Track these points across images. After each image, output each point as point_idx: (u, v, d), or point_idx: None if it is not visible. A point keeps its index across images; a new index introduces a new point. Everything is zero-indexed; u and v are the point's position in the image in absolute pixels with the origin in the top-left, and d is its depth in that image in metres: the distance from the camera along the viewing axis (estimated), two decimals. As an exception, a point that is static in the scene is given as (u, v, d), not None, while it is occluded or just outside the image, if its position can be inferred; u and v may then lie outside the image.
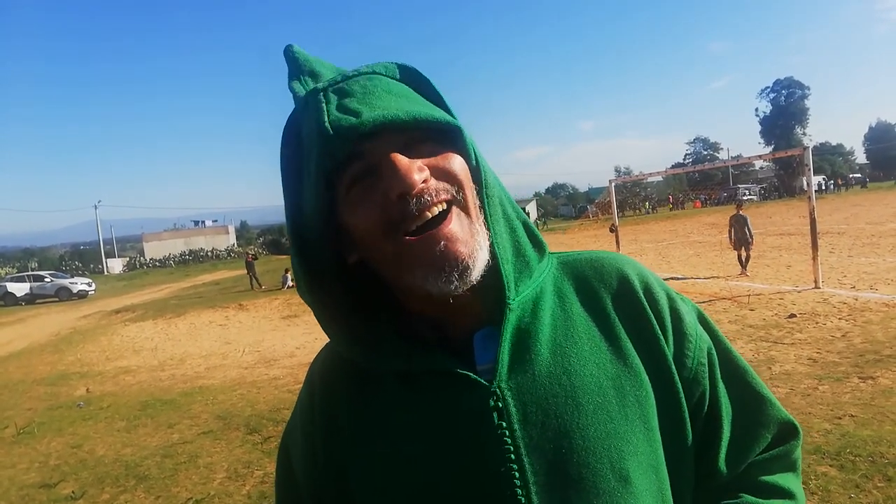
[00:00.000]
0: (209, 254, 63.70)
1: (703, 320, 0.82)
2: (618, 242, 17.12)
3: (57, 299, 33.14)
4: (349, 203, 0.67)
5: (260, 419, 6.27)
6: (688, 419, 0.74)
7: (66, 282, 34.65)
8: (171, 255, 64.24)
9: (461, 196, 0.68)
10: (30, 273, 37.84)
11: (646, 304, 0.77)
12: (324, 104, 0.67)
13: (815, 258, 10.39)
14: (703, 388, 0.77)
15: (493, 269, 0.69)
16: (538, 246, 0.78)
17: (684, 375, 0.75)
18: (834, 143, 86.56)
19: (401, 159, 0.64)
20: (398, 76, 0.73)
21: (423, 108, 0.67)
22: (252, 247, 57.74)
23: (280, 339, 11.65)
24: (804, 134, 66.90)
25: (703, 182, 73.66)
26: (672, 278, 13.13)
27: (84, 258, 70.09)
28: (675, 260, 17.34)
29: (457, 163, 0.69)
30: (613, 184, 18.83)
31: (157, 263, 62.53)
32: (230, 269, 42.07)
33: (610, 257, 0.81)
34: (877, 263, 12.15)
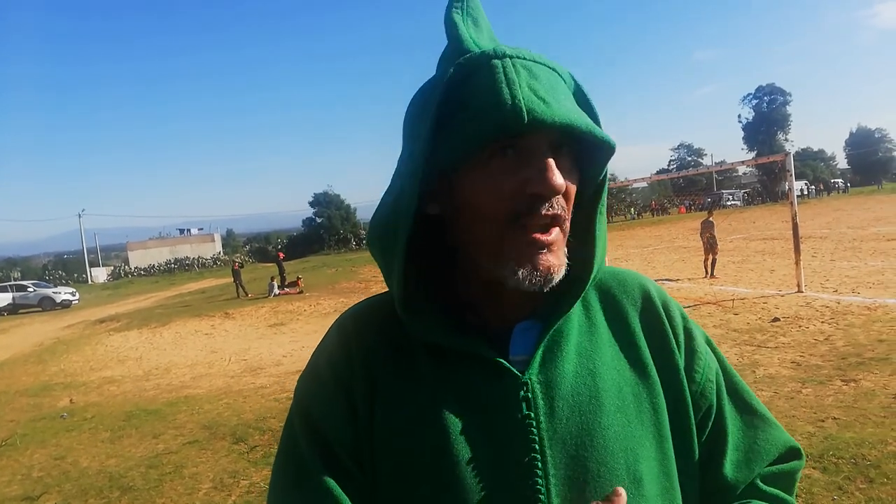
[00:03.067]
0: (195, 262, 63.27)
1: (709, 343, 0.86)
2: (604, 248, 17.21)
3: (40, 309, 32.72)
4: (483, 169, 0.68)
5: (246, 428, 6.22)
6: (694, 430, 0.77)
7: (49, 291, 34.24)
8: (156, 264, 63.76)
9: (566, 224, 0.71)
10: (12, 283, 37.27)
11: (664, 318, 0.81)
12: (515, 75, 0.67)
13: (797, 262, 10.51)
14: (709, 402, 0.80)
15: None
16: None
17: (693, 389, 0.79)
18: (815, 149, 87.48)
19: (553, 165, 0.67)
20: (566, 81, 0.73)
21: (593, 124, 0.69)
22: (238, 255, 57.47)
23: (267, 348, 11.58)
24: (786, 140, 67.82)
25: (688, 188, 74.26)
26: (655, 280, 13.21)
27: (68, 267, 69.37)
28: (661, 265, 17.47)
29: (573, 193, 0.72)
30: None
31: (142, 272, 62.03)
32: (216, 278, 41.79)
33: (631, 274, 0.86)
34: (858, 267, 12.31)
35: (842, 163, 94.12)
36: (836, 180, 73.76)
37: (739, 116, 70.99)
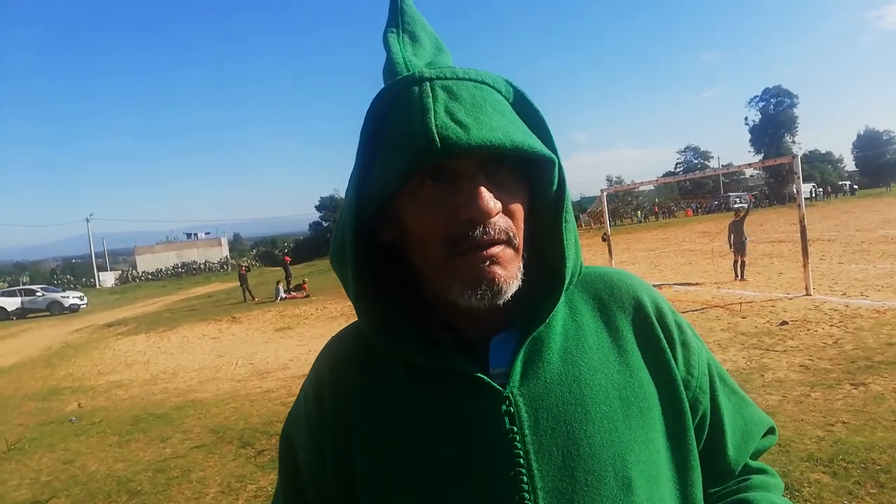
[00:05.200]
0: (202, 266, 63.50)
1: (694, 335, 0.86)
2: (610, 251, 17.16)
3: (48, 313, 32.90)
4: (416, 199, 0.68)
5: (253, 432, 6.23)
6: (692, 430, 0.77)
7: (57, 296, 34.44)
8: (164, 268, 64.02)
9: (515, 240, 0.69)
10: (21, 287, 37.59)
11: (654, 319, 0.80)
12: (430, 101, 0.66)
13: (805, 265, 10.46)
14: (707, 395, 0.81)
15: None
16: (582, 270, 0.80)
17: (693, 385, 0.79)
18: (823, 151, 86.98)
19: (483, 189, 0.65)
20: (503, 92, 0.72)
21: (524, 137, 0.67)
22: (245, 259, 57.64)
23: (273, 352, 11.60)
24: (793, 142, 67.50)
25: (695, 191, 73.99)
26: (662, 285, 13.17)
27: (76, 272, 69.73)
28: (668, 268, 17.39)
29: (520, 209, 0.70)
30: (605, 193, 18.92)
31: (150, 276, 62.31)
32: (223, 282, 41.93)
33: (620, 274, 0.84)
34: (867, 270, 12.23)
35: (850, 165, 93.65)
36: (843, 182, 73.34)
37: (746, 119, 70.81)
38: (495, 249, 0.67)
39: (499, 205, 0.66)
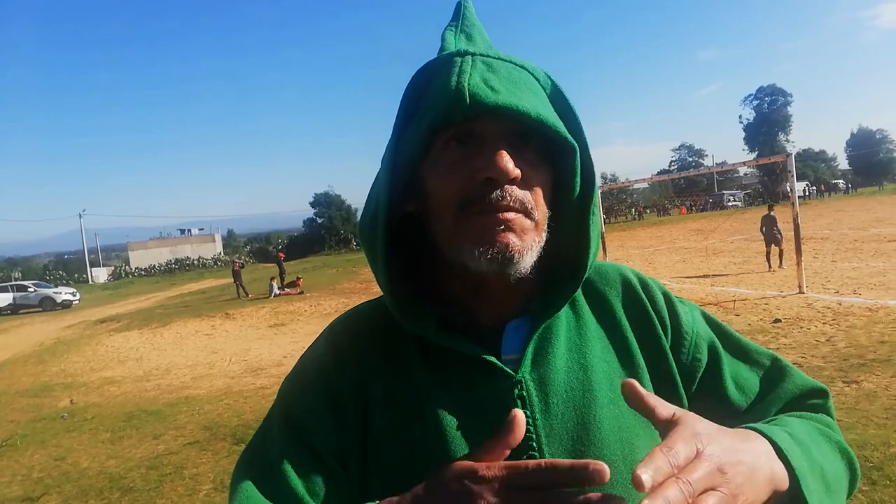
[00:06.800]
0: (195, 262, 63.35)
1: (705, 316, 0.87)
2: (604, 248, 17.20)
3: (41, 309, 32.74)
4: (439, 160, 0.71)
5: (246, 429, 6.21)
6: (686, 404, 0.78)
7: (49, 291, 34.27)
8: (157, 264, 63.83)
9: (533, 213, 0.70)
10: (13, 283, 37.30)
11: (647, 304, 0.82)
12: (469, 66, 0.70)
13: (799, 263, 10.50)
14: (704, 357, 0.81)
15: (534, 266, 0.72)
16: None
17: (683, 355, 0.81)
18: (817, 150, 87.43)
19: (504, 152, 0.67)
20: (540, 81, 0.75)
21: (550, 115, 0.70)
22: (239, 255, 57.48)
23: (267, 348, 11.57)
24: (787, 140, 67.92)
25: (689, 188, 74.23)
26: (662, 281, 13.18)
27: (68, 267, 69.43)
28: (661, 266, 17.44)
29: (541, 186, 0.72)
30: (599, 191, 18.96)
31: (143, 272, 62.12)
32: (216, 278, 41.86)
33: (609, 264, 0.87)
34: (860, 268, 12.30)
35: (843, 164, 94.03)
36: (837, 181, 73.67)
37: (740, 117, 71.24)
38: (510, 215, 0.68)
39: (518, 171, 0.67)
